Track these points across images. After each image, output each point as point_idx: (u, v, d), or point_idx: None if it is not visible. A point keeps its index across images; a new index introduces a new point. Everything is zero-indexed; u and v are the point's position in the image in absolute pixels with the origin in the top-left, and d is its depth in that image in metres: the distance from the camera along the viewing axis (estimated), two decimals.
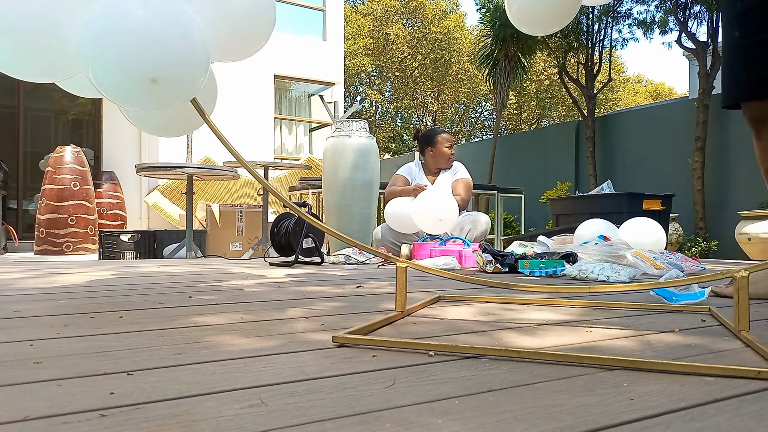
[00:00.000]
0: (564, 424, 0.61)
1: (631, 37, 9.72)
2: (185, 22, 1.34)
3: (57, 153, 6.04)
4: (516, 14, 1.82)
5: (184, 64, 1.34)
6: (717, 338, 1.10)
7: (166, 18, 1.31)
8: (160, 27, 1.30)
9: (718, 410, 0.67)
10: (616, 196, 4.94)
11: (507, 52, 9.98)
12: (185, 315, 1.32)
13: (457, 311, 1.42)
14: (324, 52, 10.15)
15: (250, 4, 1.56)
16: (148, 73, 1.28)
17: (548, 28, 1.95)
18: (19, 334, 1.09)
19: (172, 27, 1.32)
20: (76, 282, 2.09)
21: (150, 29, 1.29)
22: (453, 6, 20.84)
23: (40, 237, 5.85)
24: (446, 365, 0.87)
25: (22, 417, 0.62)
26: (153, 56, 1.28)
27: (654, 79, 27.48)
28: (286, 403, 0.68)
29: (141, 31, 1.28)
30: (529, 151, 10.12)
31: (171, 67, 1.31)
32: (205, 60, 1.39)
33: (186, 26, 1.34)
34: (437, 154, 3.77)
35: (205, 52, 1.38)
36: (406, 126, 21.94)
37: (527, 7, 1.83)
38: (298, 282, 2.14)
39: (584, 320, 1.30)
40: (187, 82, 1.36)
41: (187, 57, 1.34)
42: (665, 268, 2.48)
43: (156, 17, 1.30)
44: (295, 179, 7.76)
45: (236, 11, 1.53)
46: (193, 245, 4.62)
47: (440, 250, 3.09)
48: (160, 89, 1.31)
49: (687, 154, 7.54)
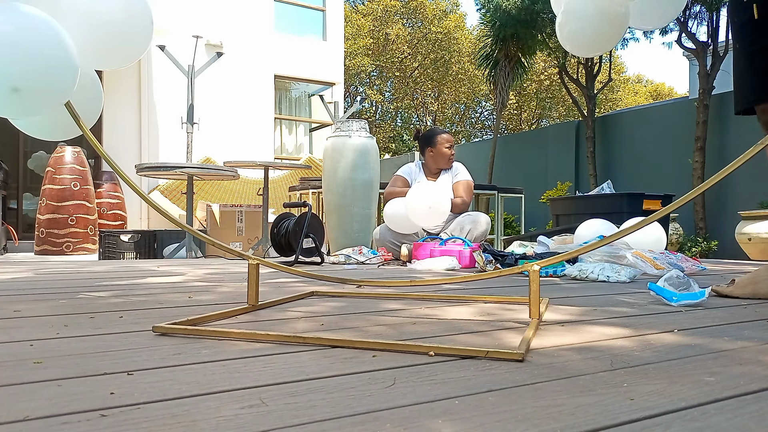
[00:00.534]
0: (564, 424, 0.61)
1: (631, 37, 9.72)
2: (47, 31, 1.39)
3: (57, 153, 6.04)
4: (567, 37, 1.95)
5: (48, 73, 1.39)
6: (717, 338, 1.10)
7: (26, 28, 1.36)
8: (20, 37, 1.35)
9: (718, 410, 0.67)
10: (616, 197, 4.94)
11: (507, 52, 9.98)
12: (185, 315, 1.32)
13: (457, 311, 1.42)
14: (324, 52, 10.15)
15: (122, 13, 1.63)
16: (8, 83, 1.33)
17: (596, 50, 2.09)
18: (18, 334, 1.09)
19: (33, 36, 1.37)
20: (76, 281, 2.09)
21: (9, 39, 1.34)
22: (453, 6, 20.84)
23: (40, 237, 5.85)
24: (446, 365, 0.87)
25: (22, 417, 0.62)
26: (12, 66, 1.33)
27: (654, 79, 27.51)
28: (286, 403, 0.68)
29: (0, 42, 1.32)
30: (529, 152, 10.13)
31: (33, 76, 1.36)
32: (72, 68, 1.43)
33: (48, 36, 1.39)
34: (437, 155, 3.76)
35: (70, 60, 1.43)
36: (406, 126, 21.94)
37: (578, 31, 1.95)
38: (298, 282, 2.14)
39: (584, 320, 1.30)
40: (52, 90, 1.42)
41: (50, 65, 1.39)
42: (665, 268, 2.48)
43: (15, 27, 1.35)
44: (295, 179, 7.76)
45: (108, 20, 1.60)
46: (193, 245, 4.62)
47: (440, 250, 3.09)
48: (22, 97, 1.36)
49: (687, 154, 7.54)
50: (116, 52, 1.68)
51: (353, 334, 1.11)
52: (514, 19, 9.50)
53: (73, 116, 1.48)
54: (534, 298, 1.24)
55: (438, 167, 3.80)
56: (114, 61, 1.73)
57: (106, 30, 1.60)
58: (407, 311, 1.42)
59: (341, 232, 4.03)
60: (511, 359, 0.89)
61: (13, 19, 1.35)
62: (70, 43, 1.43)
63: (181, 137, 7.31)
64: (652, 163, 8.10)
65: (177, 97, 7.91)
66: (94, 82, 1.68)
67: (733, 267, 3.18)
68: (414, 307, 1.50)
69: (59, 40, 1.40)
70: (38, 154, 7.67)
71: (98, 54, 1.61)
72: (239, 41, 9.03)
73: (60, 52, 1.40)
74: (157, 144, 8.33)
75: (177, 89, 7.91)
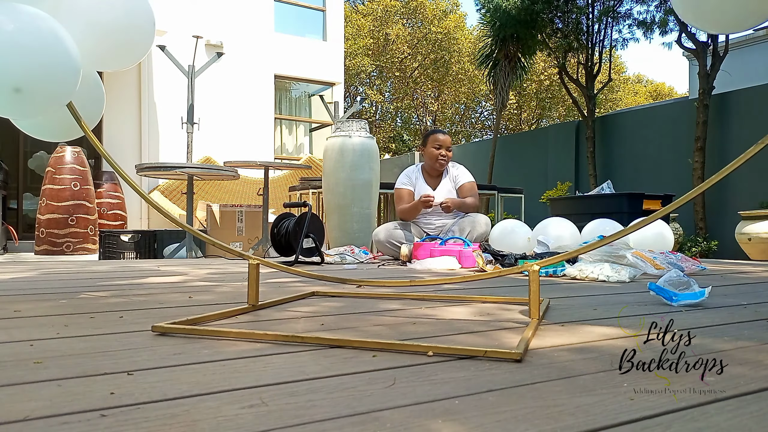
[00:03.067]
0: (564, 424, 0.61)
1: (631, 38, 9.72)
2: (50, 32, 1.39)
3: (57, 153, 6.04)
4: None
5: (50, 74, 1.39)
6: (717, 338, 1.10)
7: (30, 29, 1.36)
8: (23, 38, 1.35)
9: (718, 410, 0.67)
10: (616, 197, 4.94)
11: (507, 52, 9.98)
12: (185, 315, 1.32)
13: (457, 311, 1.42)
14: (324, 53, 10.15)
15: (123, 13, 1.63)
16: (11, 84, 1.33)
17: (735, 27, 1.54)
18: (19, 334, 1.09)
19: (36, 38, 1.37)
20: (77, 281, 2.09)
21: (12, 40, 1.34)
22: (453, 6, 20.83)
23: (40, 237, 5.85)
24: (446, 365, 0.87)
25: (23, 417, 0.62)
26: (15, 67, 1.34)
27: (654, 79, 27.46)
28: (286, 403, 0.68)
29: (2, 42, 1.32)
30: (529, 152, 10.12)
31: (35, 77, 1.36)
32: (74, 69, 1.44)
33: (51, 37, 1.39)
34: (426, 155, 3.75)
35: (72, 62, 1.43)
36: (406, 126, 21.94)
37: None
38: (298, 282, 2.14)
39: (583, 320, 1.30)
40: (54, 91, 1.42)
41: (53, 66, 1.39)
42: (665, 268, 2.48)
43: (19, 29, 1.35)
44: (296, 179, 7.76)
45: (109, 20, 1.60)
46: (193, 245, 4.62)
47: (440, 250, 3.09)
48: (24, 98, 1.37)
49: (687, 154, 7.54)
50: (118, 53, 1.68)
51: (353, 334, 1.11)
52: (514, 20, 9.50)
53: (75, 117, 1.48)
54: (534, 298, 1.24)
55: (430, 167, 3.77)
56: (116, 61, 1.73)
57: (108, 30, 1.60)
58: (407, 311, 1.42)
59: (341, 232, 4.03)
60: (509, 359, 0.89)
61: (15, 20, 1.35)
62: (73, 44, 1.43)
63: (182, 137, 7.32)
64: (652, 163, 8.10)
65: (177, 97, 7.92)
66: (96, 83, 1.68)
67: (733, 267, 3.17)
68: (414, 307, 1.50)
69: (62, 41, 1.40)
70: (38, 154, 7.66)
71: (100, 55, 1.61)
72: (239, 41, 9.03)
73: (62, 53, 1.40)
74: (157, 144, 8.33)
75: (177, 89, 7.91)
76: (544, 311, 1.33)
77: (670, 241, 3.19)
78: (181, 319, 1.14)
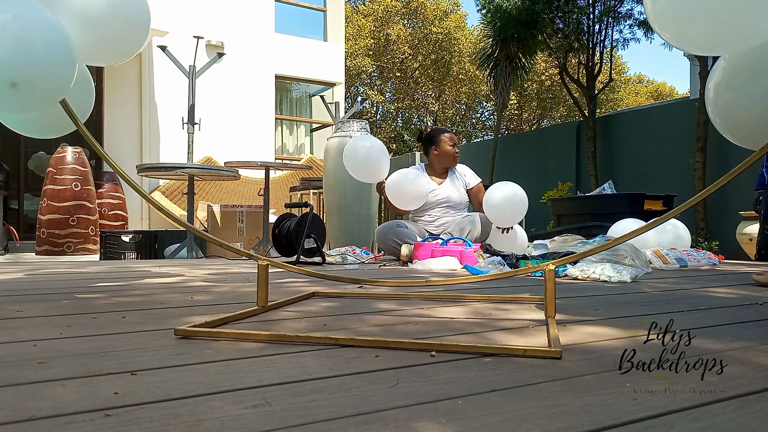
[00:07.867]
0: (567, 424, 0.61)
1: (631, 38, 9.69)
2: (46, 25, 1.38)
3: (58, 153, 6.04)
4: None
5: (46, 69, 1.38)
6: (719, 338, 1.10)
7: (26, 23, 1.35)
8: (20, 33, 1.33)
9: (721, 410, 0.67)
10: (618, 197, 4.93)
11: (508, 52, 9.97)
12: (187, 315, 1.33)
13: (451, 311, 1.42)
14: (325, 53, 10.15)
15: (119, 8, 1.60)
16: (8, 78, 1.32)
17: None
18: (22, 334, 1.09)
19: (33, 33, 1.35)
20: (78, 282, 2.09)
21: (9, 35, 1.32)
22: (454, 6, 20.83)
23: (41, 237, 5.85)
24: (449, 365, 0.87)
25: (27, 417, 0.62)
26: (12, 61, 1.32)
27: (655, 79, 27.40)
28: (289, 402, 0.68)
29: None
30: (530, 152, 10.12)
31: (32, 72, 1.35)
32: (70, 64, 1.42)
33: (47, 30, 1.37)
34: (442, 153, 3.73)
35: (68, 57, 1.41)
36: (406, 126, 21.94)
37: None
38: (299, 282, 2.14)
39: (586, 320, 1.30)
40: (50, 86, 1.40)
41: (49, 62, 1.38)
42: (671, 262, 2.57)
43: (16, 23, 1.33)
44: (296, 179, 7.77)
45: (102, 14, 1.57)
46: (194, 245, 4.63)
47: (441, 250, 3.09)
48: (21, 93, 1.35)
49: (688, 155, 7.54)
50: (111, 46, 1.65)
51: (356, 334, 1.11)
52: (515, 20, 9.49)
53: (68, 113, 1.46)
54: (550, 296, 1.28)
55: (443, 166, 3.77)
56: (109, 56, 1.69)
57: (100, 22, 1.56)
58: (410, 311, 1.42)
59: (342, 232, 4.04)
60: (549, 357, 0.91)
61: (20, 17, 1.34)
62: (69, 37, 1.41)
63: (182, 137, 7.32)
64: (653, 164, 8.09)
65: (178, 98, 7.92)
66: (84, 76, 1.65)
67: (733, 267, 3.17)
68: (416, 307, 1.50)
69: (59, 35, 1.38)
70: (38, 154, 7.67)
71: (92, 48, 1.58)
72: (240, 42, 9.03)
73: (59, 47, 1.38)
74: (158, 144, 8.34)
75: (178, 89, 7.91)
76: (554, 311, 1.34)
77: (687, 240, 3.24)
78: (201, 322, 1.15)
